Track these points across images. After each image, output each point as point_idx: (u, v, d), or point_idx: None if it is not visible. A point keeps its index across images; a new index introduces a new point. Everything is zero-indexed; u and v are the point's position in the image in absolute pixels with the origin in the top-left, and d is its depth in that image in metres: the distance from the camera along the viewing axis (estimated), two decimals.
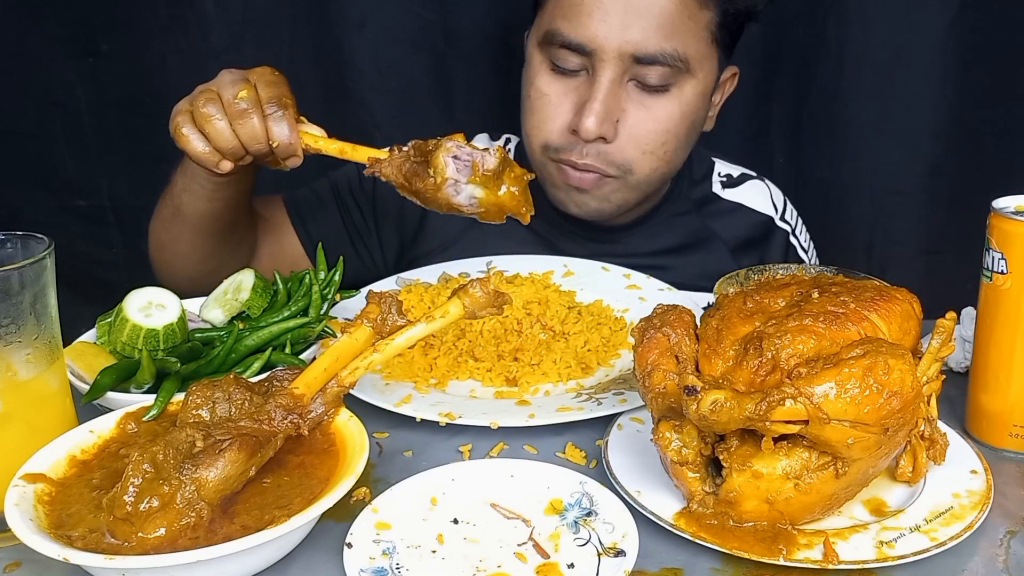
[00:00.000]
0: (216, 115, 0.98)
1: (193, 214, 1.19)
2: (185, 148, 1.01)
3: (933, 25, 1.61)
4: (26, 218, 1.84)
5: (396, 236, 1.42)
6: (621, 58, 1.18)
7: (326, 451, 0.80)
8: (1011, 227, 0.85)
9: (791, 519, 0.75)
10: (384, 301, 0.86)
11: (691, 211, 1.42)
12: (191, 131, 1.00)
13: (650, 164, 1.26)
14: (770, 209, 1.44)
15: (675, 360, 0.78)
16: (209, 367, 0.96)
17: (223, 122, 0.98)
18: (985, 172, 1.65)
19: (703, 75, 1.24)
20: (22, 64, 1.73)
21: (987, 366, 0.90)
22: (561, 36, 1.20)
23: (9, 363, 0.76)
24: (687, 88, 1.23)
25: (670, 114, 1.23)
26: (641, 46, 1.17)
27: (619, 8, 1.16)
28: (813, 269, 0.94)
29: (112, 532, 0.69)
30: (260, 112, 0.98)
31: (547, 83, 1.25)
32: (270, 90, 1.00)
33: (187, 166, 1.15)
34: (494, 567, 0.73)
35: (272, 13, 1.69)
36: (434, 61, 1.71)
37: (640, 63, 1.18)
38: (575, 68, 1.22)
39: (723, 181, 1.45)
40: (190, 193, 1.16)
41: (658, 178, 1.30)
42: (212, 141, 1.00)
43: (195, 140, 1.00)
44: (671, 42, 1.18)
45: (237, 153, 1.00)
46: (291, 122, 0.99)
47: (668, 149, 1.26)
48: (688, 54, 1.20)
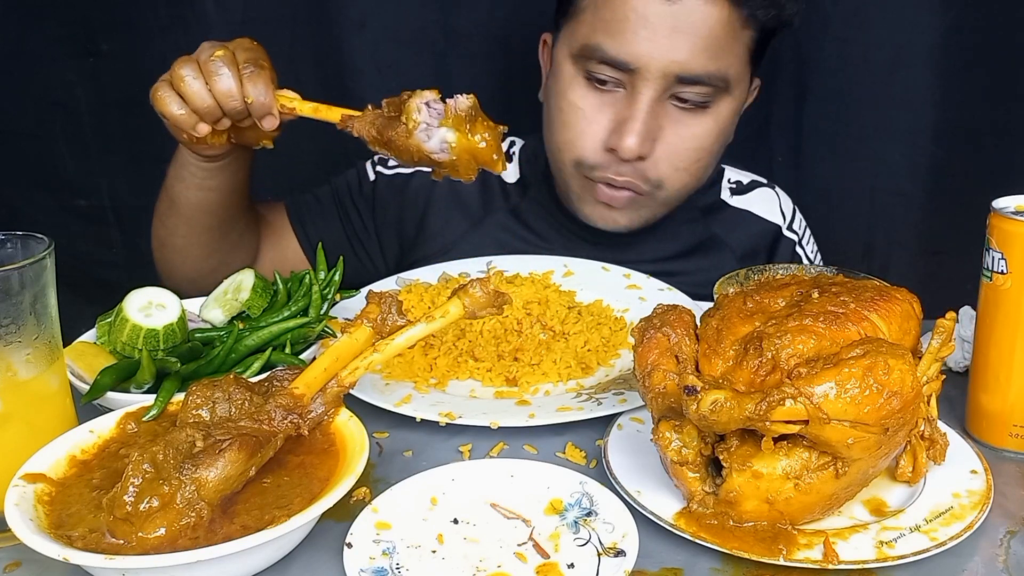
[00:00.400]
0: (191, 74, 0.99)
1: (186, 205, 1.19)
2: (162, 111, 1.02)
3: (933, 25, 1.61)
4: (26, 218, 1.84)
5: (396, 240, 1.42)
6: (665, 77, 1.16)
7: (326, 451, 0.80)
8: (1011, 227, 0.85)
9: (791, 519, 0.75)
10: (384, 301, 0.86)
11: (698, 218, 1.40)
12: (167, 92, 1.01)
13: (682, 180, 1.26)
14: (778, 218, 1.43)
15: (675, 360, 0.78)
16: (209, 367, 0.96)
17: (198, 80, 0.99)
18: (985, 172, 1.65)
19: (739, 92, 1.24)
20: (22, 64, 1.73)
21: (987, 366, 0.90)
22: (602, 51, 1.17)
23: (9, 363, 0.76)
24: (723, 106, 1.23)
25: (707, 131, 1.23)
26: (687, 66, 1.16)
27: (666, 27, 1.14)
28: (813, 269, 0.94)
29: (112, 532, 0.69)
30: (236, 70, 0.99)
31: (581, 97, 1.22)
32: (246, 54, 1.01)
33: (178, 154, 1.16)
34: (494, 567, 0.73)
35: (272, 13, 1.69)
36: (434, 61, 1.71)
37: (682, 82, 1.17)
38: (613, 83, 1.20)
39: (732, 188, 1.44)
40: (182, 182, 1.17)
41: (686, 193, 1.29)
42: (188, 100, 1.00)
43: (171, 102, 1.01)
44: (716, 63, 1.17)
45: (213, 113, 1.01)
46: (266, 82, 0.99)
47: (701, 166, 1.26)
48: (730, 74, 1.19)
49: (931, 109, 1.65)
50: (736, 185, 1.44)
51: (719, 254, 1.39)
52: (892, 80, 1.65)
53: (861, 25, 1.63)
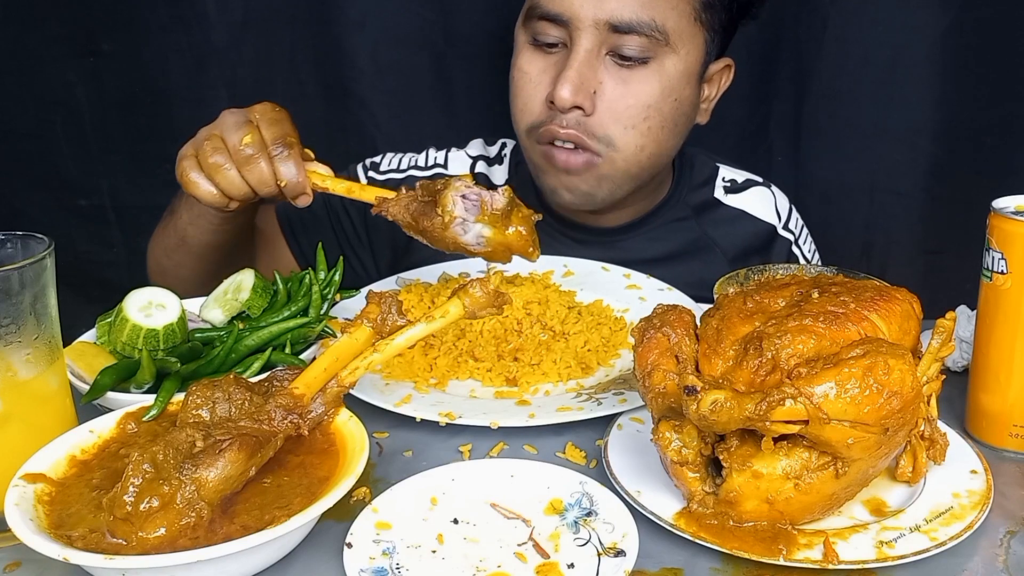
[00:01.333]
0: (225, 164, 0.99)
1: (198, 245, 1.21)
2: (194, 194, 1.02)
3: (933, 25, 1.61)
4: (26, 218, 1.84)
5: (388, 246, 1.41)
6: (597, 27, 1.16)
7: (326, 451, 0.80)
8: (1011, 227, 0.85)
9: (791, 519, 0.75)
10: (384, 301, 0.86)
11: (690, 217, 1.39)
12: (199, 177, 1.01)
13: (634, 141, 1.23)
14: (773, 217, 1.42)
15: (675, 360, 0.78)
16: (209, 367, 0.96)
17: (232, 171, 0.99)
18: (985, 172, 1.65)
19: (685, 52, 1.21)
20: (22, 64, 1.73)
21: (987, 366, 0.90)
22: (540, 7, 1.20)
23: (9, 363, 0.76)
24: (667, 63, 1.21)
25: (650, 88, 1.21)
26: (617, 13, 1.16)
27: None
28: (813, 269, 0.94)
29: (112, 532, 0.69)
30: (267, 155, 0.99)
31: (528, 61, 1.24)
32: (273, 130, 1.00)
33: (194, 205, 1.16)
34: (494, 567, 0.73)
35: (272, 13, 1.69)
36: (434, 61, 1.71)
37: (617, 31, 1.17)
38: (554, 42, 1.21)
39: (726, 186, 1.42)
40: (196, 227, 1.18)
41: (647, 159, 1.26)
42: (222, 189, 1.01)
43: (204, 186, 1.01)
44: (649, 11, 1.17)
45: (248, 197, 1.02)
46: (298, 161, 0.99)
47: (652, 126, 1.23)
48: (667, 26, 1.18)
49: (931, 109, 1.65)
50: (731, 184, 1.43)
51: (710, 256, 1.38)
52: (892, 80, 1.65)
53: (861, 25, 1.63)
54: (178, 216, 1.21)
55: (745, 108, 1.73)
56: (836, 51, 1.66)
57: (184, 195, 1.18)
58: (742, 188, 1.43)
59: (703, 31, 1.23)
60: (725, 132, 1.75)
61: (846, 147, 1.72)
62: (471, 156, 1.45)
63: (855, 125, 1.70)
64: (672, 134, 1.27)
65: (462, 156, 1.45)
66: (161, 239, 1.28)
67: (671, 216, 1.38)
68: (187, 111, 1.77)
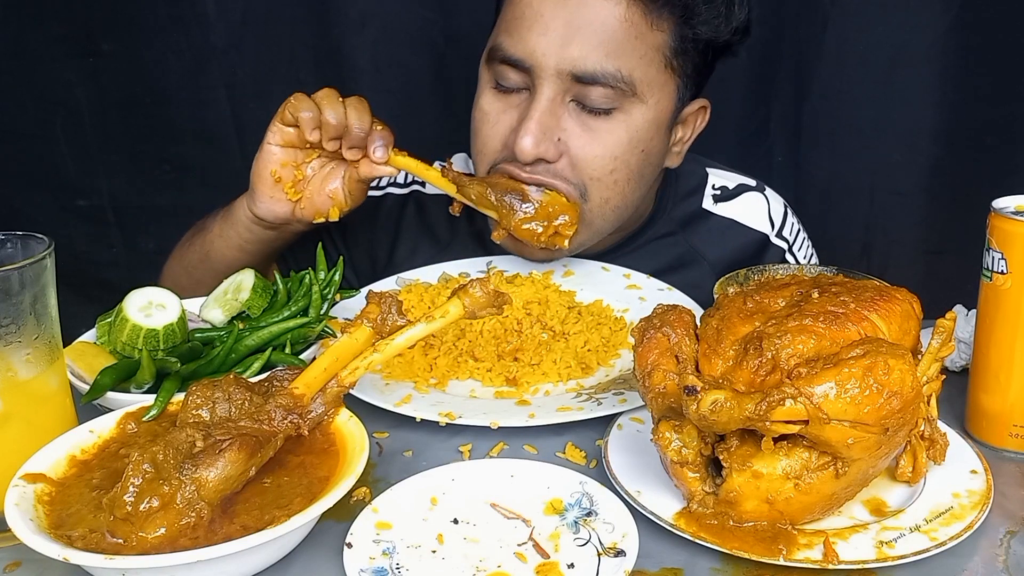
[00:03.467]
0: (334, 98, 1.10)
1: (220, 261, 1.23)
2: (298, 106, 1.10)
3: (933, 25, 1.61)
4: (26, 218, 1.84)
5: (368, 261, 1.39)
6: (559, 76, 1.10)
7: (326, 451, 0.80)
8: (1011, 227, 0.85)
9: (791, 519, 0.75)
10: (384, 301, 0.86)
11: (676, 232, 1.33)
12: (306, 100, 1.10)
13: (600, 193, 1.16)
14: (765, 225, 1.35)
15: (675, 360, 0.78)
16: (209, 367, 0.96)
17: (340, 105, 1.10)
18: (985, 172, 1.65)
19: (654, 102, 1.15)
20: (22, 64, 1.73)
21: (987, 366, 0.90)
22: (502, 51, 1.13)
23: (9, 363, 0.76)
24: (635, 114, 1.14)
25: (617, 139, 1.14)
26: (580, 64, 1.09)
27: (560, 23, 1.09)
28: (813, 269, 0.94)
29: (112, 532, 0.69)
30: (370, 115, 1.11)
31: (489, 102, 1.18)
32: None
33: (231, 214, 1.20)
34: (494, 567, 0.73)
35: (272, 13, 1.69)
36: (434, 61, 1.71)
37: (580, 82, 1.10)
38: (516, 87, 1.15)
39: (716, 195, 1.36)
40: (224, 240, 1.21)
41: (611, 211, 1.19)
42: (323, 110, 1.10)
43: (308, 107, 1.10)
44: (614, 62, 1.10)
45: (338, 130, 1.10)
46: (389, 131, 1.12)
47: (618, 179, 1.16)
48: (634, 76, 1.11)
49: (931, 109, 1.66)
50: (720, 191, 1.36)
51: (697, 270, 1.31)
52: (892, 80, 1.65)
53: (861, 25, 1.63)
54: (207, 231, 1.24)
55: (745, 108, 1.74)
56: (836, 51, 1.66)
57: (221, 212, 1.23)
58: (733, 195, 1.36)
59: (674, 78, 1.16)
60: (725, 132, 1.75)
61: (846, 147, 1.72)
62: None
63: (855, 125, 1.70)
64: (638, 185, 1.20)
65: None
66: (183, 256, 1.29)
67: (655, 234, 1.33)
68: (186, 111, 1.77)
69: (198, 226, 1.28)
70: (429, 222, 1.37)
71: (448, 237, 1.36)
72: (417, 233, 1.38)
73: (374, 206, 1.38)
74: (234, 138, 1.78)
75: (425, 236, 1.37)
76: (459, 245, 1.34)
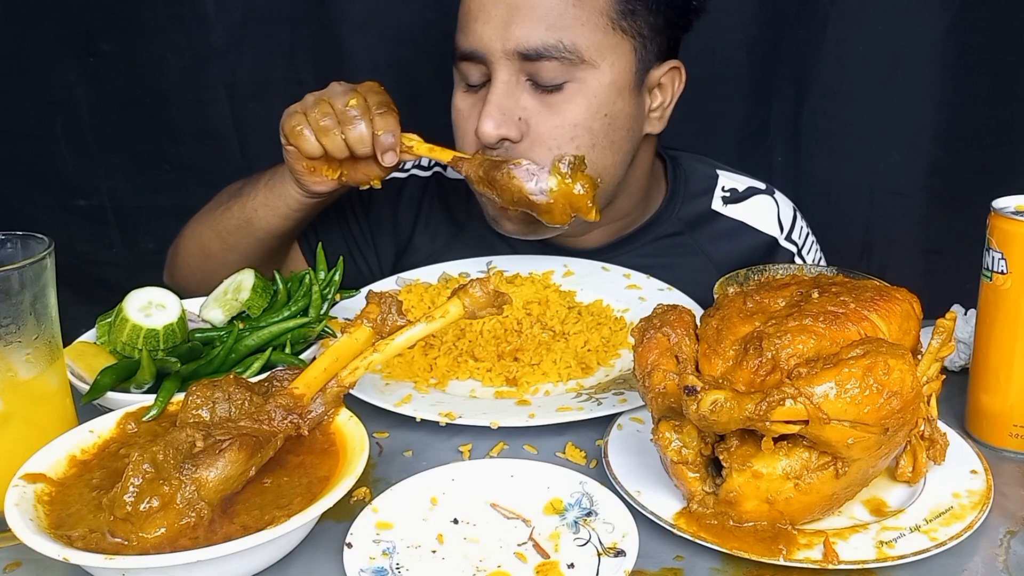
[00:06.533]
0: (331, 124, 1.10)
1: (263, 229, 1.25)
2: (300, 145, 1.12)
3: (933, 25, 1.61)
4: (26, 218, 1.84)
5: (392, 244, 1.41)
6: (508, 57, 1.13)
7: (326, 451, 0.80)
8: (1011, 227, 0.85)
9: (791, 519, 0.75)
10: (384, 301, 0.86)
11: (683, 232, 1.34)
12: (309, 132, 1.11)
13: None
14: (775, 228, 1.36)
15: (675, 360, 0.78)
16: (209, 367, 0.96)
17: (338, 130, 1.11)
18: (985, 172, 1.65)
19: (608, 65, 1.15)
20: (22, 64, 1.73)
21: (987, 366, 0.90)
22: (459, 48, 1.17)
23: (9, 363, 0.76)
24: (590, 81, 1.15)
25: (575, 107, 1.15)
26: (523, 41, 1.11)
27: (501, 8, 1.12)
28: (813, 269, 0.94)
29: (112, 532, 0.69)
30: (368, 118, 1.10)
31: (460, 98, 1.21)
32: (378, 98, 1.12)
33: (276, 183, 1.22)
34: (494, 567, 0.73)
35: (272, 13, 1.70)
36: (434, 61, 1.71)
37: (528, 59, 1.12)
38: (479, 81, 1.17)
39: (725, 196, 1.36)
40: (270, 208, 1.24)
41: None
42: (324, 144, 1.11)
43: (311, 140, 1.11)
44: (555, 34, 1.12)
45: (343, 154, 1.12)
46: (395, 121, 1.11)
47: (581, 144, 1.16)
48: (578, 44, 1.12)
49: (931, 109, 1.66)
50: (730, 193, 1.37)
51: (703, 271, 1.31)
52: (892, 80, 1.65)
53: (861, 25, 1.63)
54: (248, 197, 1.25)
55: (745, 108, 1.74)
56: (836, 51, 1.66)
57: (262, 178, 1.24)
58: (743, 197, 1.37)
59: (627, 39, 1.16)
60: (725, 132, 1.75)
61: (846, 147, 1.72)
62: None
63: (855, 125, 1.70)
64: (609, 151, 1.19)
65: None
66: (216, 221, 1.30)
67: (662, 232, 1.33)
68: (186, 111, 1.77)
69: (232, 191, 1.29)
70: (449, 204, 1.40)
71: (465, 219, 1.38)
72: (438, 214, 1.40)
73: (398, 189, 1.41)
74: (234, 138, 1.78)
75: (444, 218, 1.40)
76: (475, 224, 1.35)
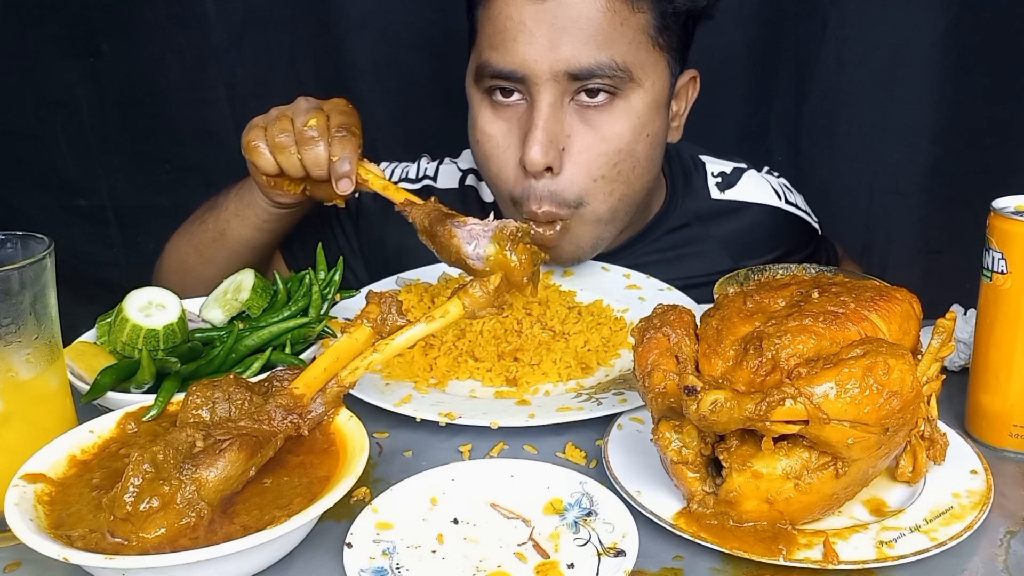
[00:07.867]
0: (288, 143, 1.06)
1: (236, 240, 1.24)
2: (255, 160, 1.09)
3: (933, 25, 1.61)
4: (26, 218, 1.84)
5: (380, 257, 1.39)
6: (555, 78, 1.10)
7: (326, 451, 0.80)
8: (1011, 227, 0.85)
9: (791, 519, 0.75)
10: (384, 301, 0.86)
11: (691, 223, 1.34)
12: (264, 147, 1.08)
13: (605, 189, 1.16)
14: (772, 198, 1.36)
15: (675, 360, 0.78)
16: (209, 367, 0.96)
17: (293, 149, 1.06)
18: (985, 172, 1.65)
19: (650, 84, 1.14)
20: (22, 64, 1.73)
21: (987, 366, 0.90)
22: (492, 67, 1.13)
23: (9, 363, 0.76)
24: (635, 100, 1.14)
25: (620, 131, 1.14)
26: (574, 61, 1.09)
27: (544, 27, 1.08)
28: (813, 269, 0.94)
29: (112, 532, 0.69)
30: (327, 139, 1.05)
31: (489, 122, 1.18)
32: (340, 118, 1.07)
33: (247, 195, 1.21)
34: (494, 567, 0.73)
35: (272, 13, 1.70)
36: (434, 61, 1.71)
37: (577, 79, 1.10)
38: (513, 99, 1.15)
39: (718, 182, 1.37)
40: (241, 219, 1.22)
41: (618, 201, 1.18)
42: (280, 163, 1.08)
43: (266, 156, 1.08)
44: (606, 52, 1.09)
45: (300, 175, 1.08)
46: (353, 148, 1.04)
47: (623, 170, 1.16)
48: (627, 62, 1.11)
49: (931, 109, 1.66)
50: (721, 178, 1.37)
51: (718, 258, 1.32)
52: (892, 80, 1.65)
53: (861, 25, 1.64)
54: (222, 209, 1.24)
55: (745, 108, 1.74)
56: (836, 51, 1.66)
57: (234, 189, 1.23)
58: (734, 180, 1.37)
59: (663, 55, 1.16)
60: (725, 132, 1.75)
61: (846, 147, 1.73)
62: (461, 169, 1.42)
63: (855, 125, 1.70)
64: (646, 170, 1.20)
65: (452, 170, 1.42)
66: (193, 234, 1.29)
67: (669, 226, 1.33)
68: (186, 111, 1.78)
69: (208, 205, 1.29)
70: None
71: None
72: None
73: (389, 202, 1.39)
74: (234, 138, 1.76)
75: None
76: None
